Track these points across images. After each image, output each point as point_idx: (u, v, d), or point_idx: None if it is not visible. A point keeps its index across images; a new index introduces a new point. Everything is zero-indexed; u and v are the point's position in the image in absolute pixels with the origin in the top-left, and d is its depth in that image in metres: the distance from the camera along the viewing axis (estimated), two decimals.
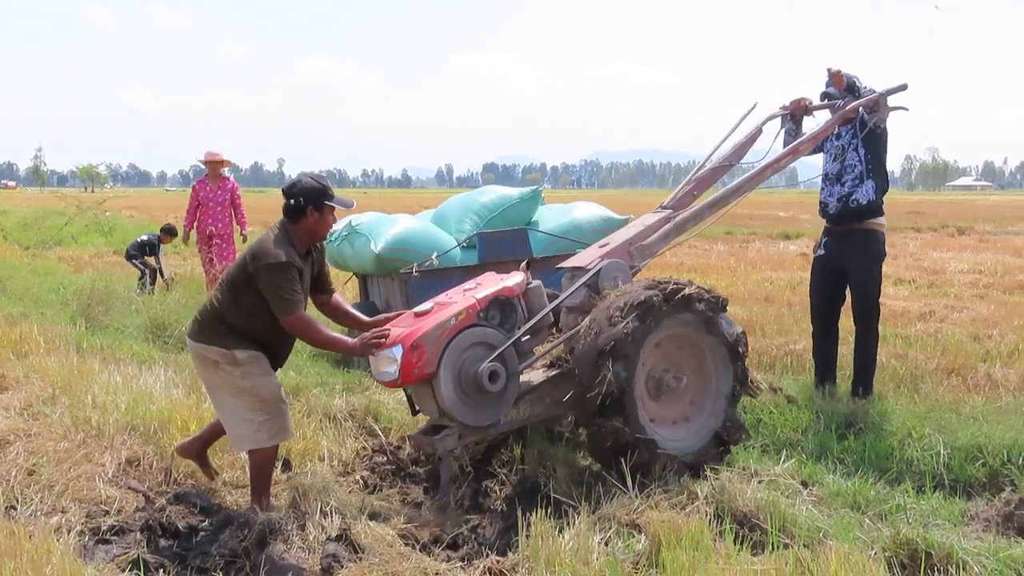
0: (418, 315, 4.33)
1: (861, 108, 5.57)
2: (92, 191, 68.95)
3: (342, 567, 3.59)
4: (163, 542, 3.96)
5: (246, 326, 4.07)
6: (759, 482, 4.25)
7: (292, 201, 4.07)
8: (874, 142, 5.65)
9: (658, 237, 5.11)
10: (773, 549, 3.55)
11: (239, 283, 4.05)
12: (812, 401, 5.52)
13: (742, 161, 5.76)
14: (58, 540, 3.60)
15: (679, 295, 4.38)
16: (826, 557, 3.29)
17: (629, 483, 4.09)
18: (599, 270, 4.71)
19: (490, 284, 4.55)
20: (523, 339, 4.49)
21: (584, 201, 7.79)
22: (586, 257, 4.96)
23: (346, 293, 10.25)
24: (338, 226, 7.49)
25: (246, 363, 4.06)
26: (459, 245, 6.86)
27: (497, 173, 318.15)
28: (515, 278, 4.59)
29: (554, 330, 4.85)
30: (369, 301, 7.33)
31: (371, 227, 7.01)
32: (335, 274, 10.44)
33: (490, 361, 4.26)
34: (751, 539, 3.68)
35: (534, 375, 4.68)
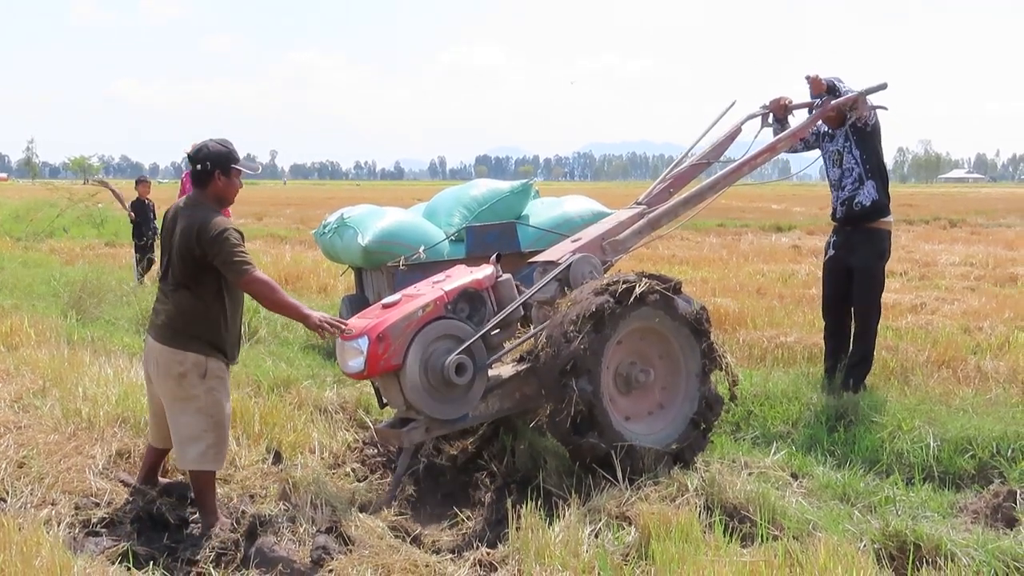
0: (386, 306, 4.31)
1: (848, 111, 5.54)
2: (87, 182, 68.80)
3: (332, 559, 3.60)
4: (153, 534, 3.95)
5: (217, 315, 3.93)
6: (749, 474, 4.27)
7: (199, 166, 3.93)
8: (868, 142, 5.62)
9: (631, 233, 5.10)
10: (762, 541, 3.56)
11: (193, 274, 3.89)
12: (802, 393, 5.54)
13: (720, 159, 5.75)
14: (48, 532, 3.59)
15: (631, 295, 4.30)
16: (815, 549, 3.31)
17: (619, 476, 4.10)
18: (570, 265, 4.68)
19: (459, 276, 4.53)
20: (492, 333, 4.45)
21: (576, 195, 7.78)
22: (558, 251, 4.94)
23: (340, 285, 10.27)
24: (330, 218, 7.47)
25: (214, 377, 3.92)
26: (447, 238, 6.85)
27: (490, 165, 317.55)
28: (484, 271, 4.58)
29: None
30: (362, 294, 7.31)
31: (360, 220, 6.99)
32: (329, 266, 10.44)
33: (457, 354, 4.23)
34: (740, 531, 3.70)
35: (504, 369, 4.64)
